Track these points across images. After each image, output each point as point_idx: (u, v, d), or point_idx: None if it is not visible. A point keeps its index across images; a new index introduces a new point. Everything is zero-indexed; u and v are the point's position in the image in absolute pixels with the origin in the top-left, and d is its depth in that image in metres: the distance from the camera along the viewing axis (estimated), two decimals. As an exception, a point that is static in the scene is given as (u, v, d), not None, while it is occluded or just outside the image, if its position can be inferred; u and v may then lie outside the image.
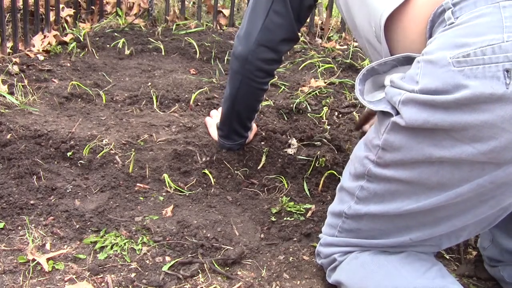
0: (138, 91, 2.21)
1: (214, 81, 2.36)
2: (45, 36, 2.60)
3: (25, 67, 2.35)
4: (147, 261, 1.39)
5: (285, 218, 1.59)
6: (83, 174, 1.70)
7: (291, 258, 1.44)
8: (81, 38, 2.63)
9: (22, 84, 2.16)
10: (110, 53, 2.59)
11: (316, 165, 1.79)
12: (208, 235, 1.49)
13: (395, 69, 1.14)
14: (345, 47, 2.87)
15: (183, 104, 2.14)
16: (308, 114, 2.13)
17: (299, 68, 2.58)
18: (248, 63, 1.59)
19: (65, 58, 2.49)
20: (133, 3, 3.05)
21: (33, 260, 1.35)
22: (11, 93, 2.08)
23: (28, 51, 2.49)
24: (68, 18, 2.85)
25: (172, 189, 1.67)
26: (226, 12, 3.06)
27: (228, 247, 1.45)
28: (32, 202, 1.55)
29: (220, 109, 1.86)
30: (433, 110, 1.00)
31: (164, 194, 1.65)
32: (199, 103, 2.15)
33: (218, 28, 2.97)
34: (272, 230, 1.54)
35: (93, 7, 2.95)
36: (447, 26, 1.03)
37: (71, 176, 1.68)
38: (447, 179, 1.06)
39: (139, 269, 1.37)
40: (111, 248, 1.42)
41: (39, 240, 1.43)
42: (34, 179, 1.64)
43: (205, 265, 1.39)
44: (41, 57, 2.46)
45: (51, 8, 2.69)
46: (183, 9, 3.03)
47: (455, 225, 1.13)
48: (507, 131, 0.96)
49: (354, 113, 2.15)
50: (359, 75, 1.17)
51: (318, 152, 1.83)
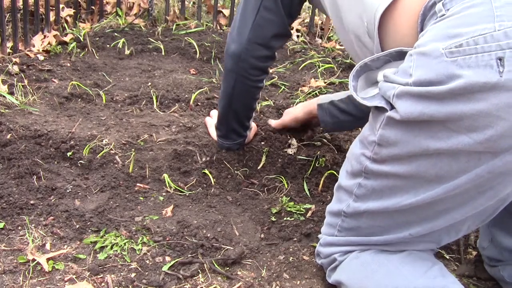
0: (138, 91, 2.21)
1: (214, 81, 2.36)
2: (45, 36, 2.60)
3: (25, 67, 2.35)
4: (147, 261, 1.39)
5: (285, 218, 1.59)
6: (83, 174, 1.70)
7: (291, 258, 1.44)
8: (81, 38, 2.63)
9: (22, 84, 2.16)
10: (110, 53, 2.59)
11: (316, 165, 1.79)
12: (208, 235, 1.49)
13: (388, 64, 1.15)
14: (345, 47, 2.87)
15: (183, 104, 2.14)
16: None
17: (299, 68, 2.58)
18: (242, 61, 1.60)
19: (65, 58, 2.49)
20: (133, 3, 3.05)
21: (33, 260, 1.35)
22: (11, 93, 2.08)
23: (28, 51, 2.49)
24: (68, 18, 2.85)
25: (172, 189, 1.66)
26: (226, 12, 3.06)
27: (228, 247, 1.45)
28: (32, 202, 1.55)
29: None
30: (428, 102, 1.00)
31: (164, 194, 1.65)
32: (199, 103, 2.15)
33: (218, 28, 2.97)
34: (272, 230, 1.54)
35: (93, 7, 2.95)
36: (439, 18, 1.04)
37: (71, 176, 1.68)
38: (445, 171, 1.06)
39: (139, 269, 1.37)
40: (111, 248, 1.42)
41: (39, 240, 1.43)
42: (34, 179, 1.64)
43: (205, 265, 1.38)
44: (41, 57, 2.46)
45: (51, 8, 2.69)
46: (183, 9, 3.03)
47: (454, 218, 1.13)
48: (503, 119, 0.96)
49: (354, 113, 2.14)
50: (353, 71, 1.17)
51: (318, 152, 1.83)
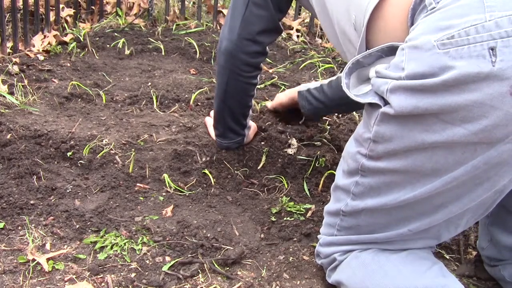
0: (138, 91, 2.20)
1: (214, 81, 2.36)
2: (45, 36, 2.60)
3: (25, 67, 2.35)
4: (147, 261, 1.39)
5: (285, 218, 1.59)
6: (83, 174, 1.70)
7: (291, 258, 1.44)
8: (81, 38, 2.63)
9: (22, 84, 2.16)
10: (110, 53, 2.59)
11: (316, 165, 1.79)
12: (208, 235, 1.49)
13: (380, 60, 1.14)
14: (345, 47, 2.87)
15: (183, 104, 2.14)
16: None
17: (299, 68, 2.58)
18: (233, 57, 1.60)
19: (65, 58, 2.49)
20: (133, 3, 3.05)
21: (33, 260, 1.35)
22: (11, 93, 2.08)
23: (28, 51, 2.49)
24: (68, 18, 2.85)
25: (172, 189, 1.66)
26: (226, 12, 3.05)
27: (228, 247, 1.45)
28: (32, 202, 1.55)
29: None
30: (422, 95, 1.00)
31: (164, 194, 1.65)
32: (199, 103, 2.15)
33: (218, 28, 2.97)
34: (272, 230, 1.54)
35: (93, 7, 2.95)
36: (429, 11, 1.03)
37: (71, 176, 1.68)
38: (441, 164, 1.06)
39: (139, 269, 1.37)
40: (111, 248, 1.42)
41: (39, 240, 1.43)
42: (34, 179, 1.64)
43: (205, 265, 1.38)
44: (41, 57, 2.46)
45: (51, 8, 2.69)
46: (183, 9, 3.03)
47: (453, 211, 1.13)
48: (497, 109, 0.96)
49: (354, 113, 2.14)
50: (345, 68, 1.17)
51: (318, 152, 1.83)
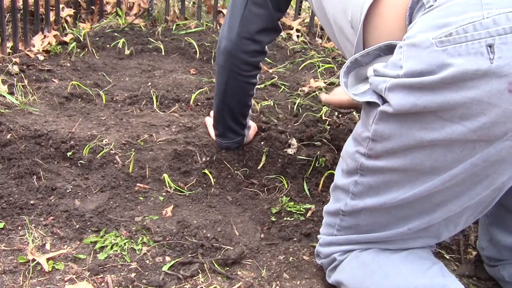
0: (138, 91, 2.21)
1: (214, 81, 2.36)
2: (45, 36, 2.60)
3: (25, 67, 2.35)
4: (147, 261, 1.39)
5: (285, 218, 1.59)
6: (83, 174, 1.70)
7: (291, 258, 1.44)
8: (81, 38, 2.63)
9: (22, 84, 2.16)
10: (110, 53, 2.59)
11: (316, 165, 1.79)
12: (208, 235, 1.49)
13: (378, 59, 1.14)
14: (345, 47, 2.87)
15: (183, 104, 2.14)
16: (308, 114, 2.13)
17: (299, 68, 2.58)
18: (233, 56, 1.60)
19: (65, 58, 2.49)
20: (133, 3, 3.05)
21: (33, 260, 1.35)
22: (11, 93, 2.08)
23: (28, 51, 2.49)
24: (68, 18, 2.85)
25: (172, 189, 1.66)
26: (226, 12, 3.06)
27: (228, 247, 1.45)
28: (32, 202, 1.55)
29: None
30: (420, 93, 1.00)
31: (164, 194, 1.65)
32: (199, 103, 2.15)
33: (218, 28, 2.97)
34: (272, 230, 1.54)
35: (93, 7, 2.95)
36: (427, 10, 1.04)
37: (71, 176, 1.68)
38: (440, 162, 1.06)
39: (139, 269, 1.37)
40: (111, 248, 1.42)
41: (39, 240, 1.43)
42: (34, 179, 1.64)
43: (205, 265, 1.38)
44: (41, 57, 2.46)
45: (51, 8, 2.69)
46: (183, 9, 3.03)
47: (452, 209, 1.13)
48: (495, 106, 0.96)
49: (354, 113, 2.14)
50: (343, 67, 1.17)
51: (318, 152, 1.83)
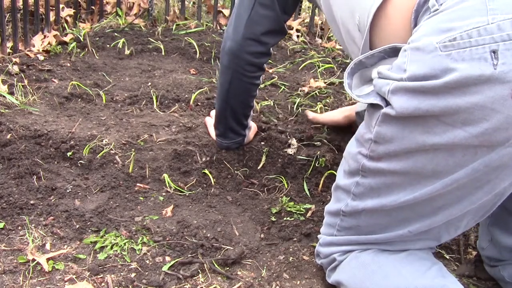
0: (138, 91, 2.21)
1: (214, 81, 2.36)
2: (45, 36, 2.60)
3: (25, 67, 2.35)
4: (147, 261, 1.39)
5: (285, 218, 1.59)
6: (83, 174, 1.70)
7: (291, 258, 1.44)
8: (81, 38, 2.63)
9: (22, 84, 2.16)
10: (110, 53, 2.59)
11: (316, 165, 1.79)
12: (208, 235, 1.49)
13: (382, 61, 1.15)
14: (345, 47, 2.86)
15: (183, 104, 2.14)
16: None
17: (299, 68, 2.58)
18: (237, 57, 1.60)
19: (65, 58, 2.49)
20: (133, 3, 3.04)
21: (33, 260, 1.35)
22: (11, 93, 2.08)
23: (28, 51, 2.49)
24: (68, 18, 2.85)
25: (172, 189, 1.66)
26: (226, 12, 3.06)
27: (228, 247, 1.45)
28: (32, 202, 1.55)
29: None
30: (423, 97, 1.00)
31: (164, 194, 1.65)
32: (199, 103, 2.15)
33: (218, 28, 2.97)
34: (272, 230, 1.54)
35: (93, 7, 2.95)
36: (432, 13, 1.04)
37: (71, 176, 1.68)
38: (442, 167, 1.06)
39: (139, 269, 1.37)
40: (111, 248, 1.42)
41: (39, 240, 1.43)
42: (34, 179, 1.64)
43: (205, 265, 1.38)
44: (41, 57, 2.46)
45: (51, 8, 2.69)
46: (183, 9, 3.03)
47: (453, 213, 1.13)
48: (498, 112, 0.96)
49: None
50: (347, 69, 1.17)
51: (318, 152, 1.83)
